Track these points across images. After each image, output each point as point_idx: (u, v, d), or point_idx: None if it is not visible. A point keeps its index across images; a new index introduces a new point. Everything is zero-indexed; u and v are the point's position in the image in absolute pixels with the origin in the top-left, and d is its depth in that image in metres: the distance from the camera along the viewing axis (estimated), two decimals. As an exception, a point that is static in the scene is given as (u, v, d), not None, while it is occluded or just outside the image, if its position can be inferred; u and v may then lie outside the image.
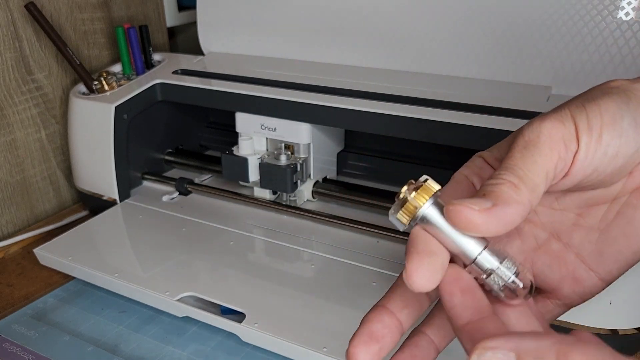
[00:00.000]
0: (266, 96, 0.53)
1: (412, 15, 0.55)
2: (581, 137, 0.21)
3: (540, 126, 0.21)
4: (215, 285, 0.45)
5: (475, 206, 0.19)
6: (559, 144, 0.21)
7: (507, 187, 0.20)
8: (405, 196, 0.21)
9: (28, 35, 0.59)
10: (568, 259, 0.24)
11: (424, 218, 0.21)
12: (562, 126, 0.21)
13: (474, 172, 0.25)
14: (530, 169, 0.20)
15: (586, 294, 0.24)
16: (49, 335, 0.44)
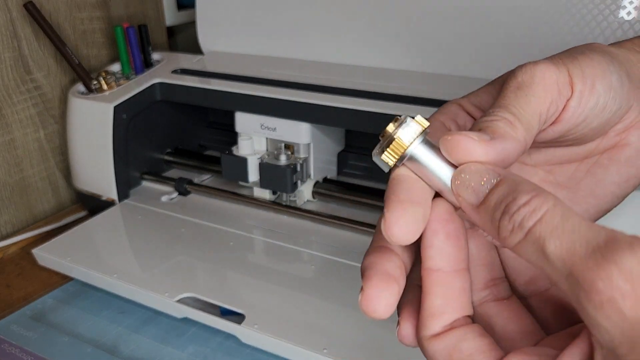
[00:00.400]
0: (266, 96, 0.53)
1: (412, 15, 0.55)
2: (575, 84, 0.20)
3: (534, 68, 0.20)
4: (214, 286, 0.45)
5: (474, 137, 0.19)
6: (553, 87, 0.20)
7: (503, 124, 0.19)
8: (392, 134, 0.20)
9: (27, 34, 0.59)
10: None
11: (412, 157, 0.19)
12: (557, 70, 0.20)
13: (450, 117, 0.24)
14: (524, 109, 0.20)
15: None
16: (47, 336, 0.44)
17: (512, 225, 0.17)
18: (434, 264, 0.19)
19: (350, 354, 0.37)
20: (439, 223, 0.19)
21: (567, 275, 0.15)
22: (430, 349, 0.18)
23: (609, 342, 0.15)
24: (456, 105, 0.24)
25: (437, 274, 0.19)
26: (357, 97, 0.49)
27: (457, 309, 0.19)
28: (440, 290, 0.19)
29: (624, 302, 0.14)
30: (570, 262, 0.15)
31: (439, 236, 0.19)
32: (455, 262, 0.19)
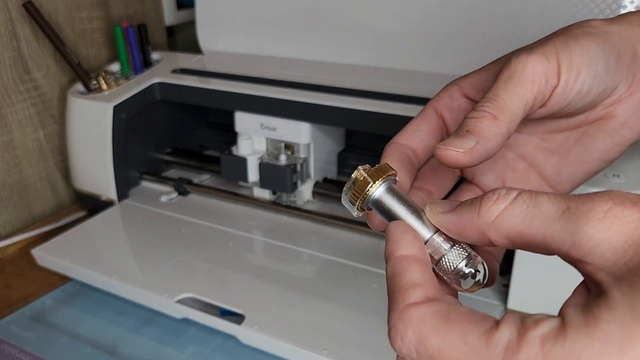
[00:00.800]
0: (266, 95, 0.52)
1: (413, 15, 0.55)
2: (562, 74, 0.23)
3: (526, 60, 0.23)
4: (214, 286, 0.45)
5: (461, 149, 0.21)
6: (541, 78, 0.23)
7: (488, 121, 0.22)
8: (357, 177, 0.21)
9: (26, 34, 0.59)
10: (531, 176, 0.27)
11: (376, 201, 0.21)
12: (547, 61, 0.23)
13: (446, 104, 0.26)
14: (511, 100, 0.22)
15: None
16: (47, 337, 0.44)
17: (497, 195, 0.19)
18: (407, 251, 0.21)
19: (350, 355, 0.37)
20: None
21: (562, 212, 0.17)
22: (418, 312, 0.18)
23: (611, 256, 0.16)
24: (456, 87, 0.27)
25: (412, 258, 0.21)
26: (357, 97, 0.49)
27: (436, 288, 0.20)
28: (417, 268, 0.20)
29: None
30: (564, 200, 0.17)
31: (409, 234, 0.21)
32: (426, 258, 0.21)
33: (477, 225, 0.19)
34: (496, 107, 0.22)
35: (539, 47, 0.23)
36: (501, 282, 0.44)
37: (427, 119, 0.26)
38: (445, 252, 0.21)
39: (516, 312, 0.40)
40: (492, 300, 0.42)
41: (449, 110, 0.26)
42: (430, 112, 0.26)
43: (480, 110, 0.22)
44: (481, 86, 0.26)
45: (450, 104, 0.26)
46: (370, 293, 0.43)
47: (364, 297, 0.43)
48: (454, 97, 0.26)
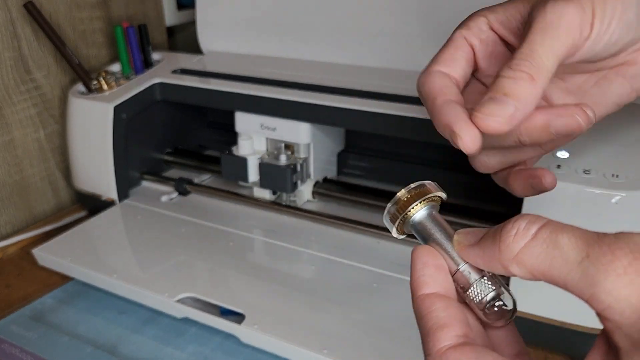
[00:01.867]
0: (266, 95, 0.53)
1: (413, 15, 0.55)
2: (594, 25, 0.23)
3: (563, 8, 0.22)
4: (214, 286, 0.45)
5: (500, 117, 0.22)
6: (576, 30, 0.22)
7: (525, 83, 0.22)
8: (400, 198, 0.22)
9: (27, 34, 0.59)
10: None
11: (415, 225, 0.22)
12: (583, 12, 0.22)
13: (475, 34, 0.26)
14: (547, 56, 0.22)
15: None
16: (47, 336, 0.44)
17: (515, 229, 0.18)
18: (428, 289, 0.21)
19: (350, 355, 0.37)
20: (428, 257, 0.21)
21: (582, 259, 0.16)
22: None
23: (630, 315, 0.15)
24: (483, 19, 0.26)
25: (434, 296, 0.20)
26: (357, 97, 0.49)
27: (462, 322, 0.20)
28: (441, 306, 0.20)
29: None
30: (584, 245, 0.17)
31: (429, 268, 0.21)
32: (447, 289, 0.21)
33: (500, 261, 0.19)
34: (533, 66, 0.22)
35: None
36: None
37: (461, 47, 0.27)
38: (474, 283, 0.21)
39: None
40: (491, 299, 0.42)
41: (479, 40, 0.26)
42: (461, 41, 0.27)
43: (517, 70, 0.22)
44: (509, 24, 0.26)
45: (479, 34, 0.26)
46: (370, 293, 0.43)
47: (364, 297, 0.43)
48: (482, 28, 0.26)
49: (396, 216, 0.22)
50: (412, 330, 0.39)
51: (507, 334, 0.22)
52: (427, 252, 0.21)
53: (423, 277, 0.21)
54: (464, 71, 0.26)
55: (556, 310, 0.39)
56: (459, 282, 0.21)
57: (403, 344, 0.38)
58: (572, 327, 0.38)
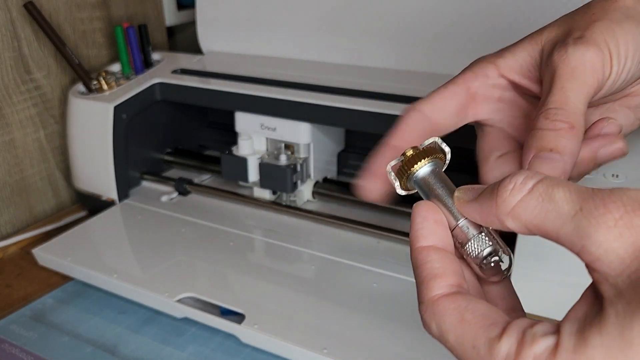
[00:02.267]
0: (266, 95, 0.53)
1: (413, 15, 0.55)
2: (613, 65, 0.23)
3: (584, 55, 0.23)
4: (214, 286, 0.45)
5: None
6: (599, 72, 0.23)
7: (567, 134, 0.22)
8: (406, 154, 0.22)
9: (27, 34, 0.59)
10: None
11: (418, 181, 0.22)
12: (602, 54, 0.23)
13: (482, 83, 0.26)
14: (580, 101, 0.23)
15: None
16: (47, 336, 0.44)
17: (513, 184, 0.18)
18: (426, 241, 0.21)
19: (350, 354, 0.37)
20: (428, 212, 0.22)
21: (575, 213, 0.17)
22: (440, 308, 0.19)
23: (617, 266, 0.16)
24: (492, 66, 0.26)
25: (430, 248, 0.21)
26: (357, 97, 0.49)
27: (456, 273, 0.20)
28: (436, 257, 0.21)
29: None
30: (579, 199, 0.17)
31: (429, 221, 0.22)
32: (445, 243, 0.21)
33: (496, 215, 0.19)
34: (570, 114, 0.22)
35: (588, 36, 0.23)
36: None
37: (457, 95, 0.26)
38: (471, 238, 0.21)
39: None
40: (491, 299, 0.42)
41: (484, 87, 0.26)
42: (461, 89, 0.26)
43: (557, 120, 0.22)
44: (522, 70, 0.25)
45: (485, 81, 0.26)
46: (369, 292, 0.43)
47: (364, 297, 0.43)
48: (490, 75, 0.26)
49: (401, 172, 0.22)
50: (412, 330, 0.40)
51: (502, 289, 0.23)
52: (427, 207, 0.22)
53: (422, 230, 0.21)
54: (449, 119, 0.26)
55: (554, 309, 0.39)
56: (458, 237, 0.22)
57: (403, 343, 0.38)
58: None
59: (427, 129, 0.26)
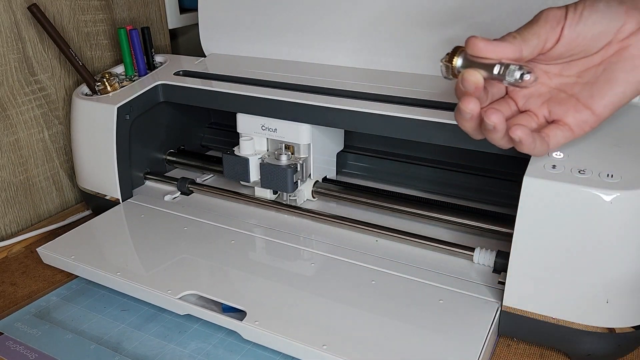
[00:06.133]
0: (267, 97, 0.53)
1: (412, 18, 0.55)
2: (568, 15, 0.34)
3: (542, 12, 0.35)
4: (216, 283, 0.45)
5: (479, 38, 0.34)
6: (552, 20, 0.34)
7: (508, 36, 0.35)
8: (446, 56, 0.36)
9: (31, 36, 0.59)
10: (570, 101, 0.37)
11: (459, 67, 0.36)
12: (558, 10, 0.34)
13: None
14: (528, 30, 0.35)
15: (583, 122, 0.36)
16: (51, 334, 0.44)
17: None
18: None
19: (350, 351, 0.37)
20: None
21: None
22: None
23: None
24: None
25: None
26: (357, 99, 0.50)
27: None
28: None
29: None
30: None
31: None
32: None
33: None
34: (517, 32, 0.35)
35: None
36: (497, 280, 0.44)
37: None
38: (506, 70, 0.34)
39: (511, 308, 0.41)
40: (488, 297, 0.43)
41: None
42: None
43: (507, 34, 0.35)
44: None
45: None
46: (368, 290, 0.44)
47: (363, 294, 0.44)
48: None
49: (448, 66, 0.36)
50: (409, 327, 0.40)
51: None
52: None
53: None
54: None
55: (552, 307, 0.39)
56: (496, 77, 0.34)
57: (401, 340, 0.39)
58: (568, 324, 0.39)
59: None
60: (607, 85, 0.35)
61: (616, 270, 0.37)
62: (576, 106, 0.36)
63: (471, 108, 0.35)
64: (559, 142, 0.37)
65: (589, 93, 0.35)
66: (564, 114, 0.36)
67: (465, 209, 0.52)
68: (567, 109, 0.36)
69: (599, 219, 0.36)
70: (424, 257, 0.48)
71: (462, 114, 0.35)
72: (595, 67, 0.35)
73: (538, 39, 0.34)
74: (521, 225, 0.38)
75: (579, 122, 0.36)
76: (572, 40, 0.34)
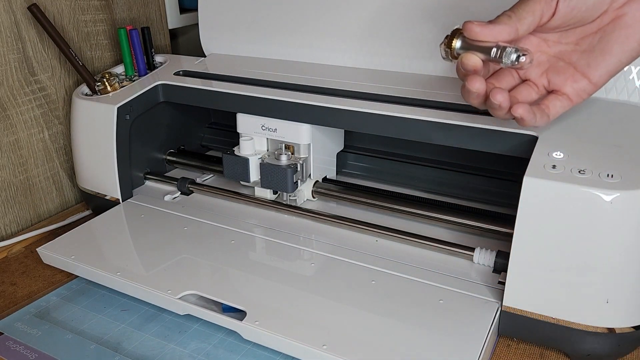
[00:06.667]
0: (267, 97, 0.53)
1: (411, 19, 0.55)
2: None
3: None
4: (216, 283, 0.45)
5: (475, 23, 0.35)
6: None
7: (502, 16, 0.36)
8: (444, 39, 0.37)
9: (31, 36, 0.60)
10: (569, 70, 0.38)
11: (458, 49, 0.37)
12: None
13: None
14: (522, 8, 0.35)
15: (581, 91, 0.38)
16: (51, 334, 0.44)
17: None
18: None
19: (350, 351, 0.37)
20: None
21: None
22: None
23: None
24: None
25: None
26: (357, 99, 0.50)
27: None
28: None
29: None
30: None
31: None
32: None
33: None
34: (512, 11, 0.35)
35: None
36: (497, 280, 0.44)
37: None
38: (502, 52, 0.35)
39: (511, 308, 0.41)
40: (488, 297, 0.43)
41: None
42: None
43: (504, 12, 0.36)
44: None
45: None
46: (368, 290, 0.44)
47: (363, 294, 0.44)
48: None
49: (447, 50, 0.37)
50: (409, 326, 0.40)
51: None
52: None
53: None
54: None
55: (552, 307, 0.39)
56: (493, 59, 0.35)
57: (401, 340, 0.39)
58: (568, 324, 0.39)
59: None
60: (603, 55, 0.36)
61: (616, 270, 0.37)
62: (574, 75, 0.37)
63: (477, 87, 0.36)
64: (558, 112, 0.38)
65: (586, 62, 0.37)
66: (563, 83, 0.38)
67: (465, 209, 0.52)
68: (566, 79, 0.38)
69: (599, 219, 0.36)
70: (424, 257, 0.48)
71: (469, 93, 0.37)
72: (592, 35, 0.36)
73: (533, 15, 0.35)
74: (521, 225, 0.38)
75: (577, 91, 0.38)
76: (567, 13, 0.35)
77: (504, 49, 0.35)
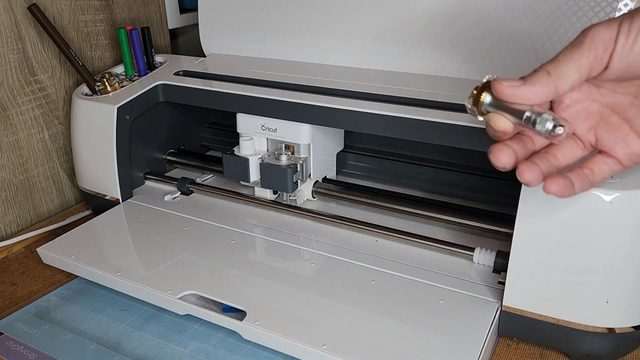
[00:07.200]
0: (267, 97, 0.53)
1: (410, 19, 0.55)
2: (619, 39, 0.28)
3: (588, 31, 0.29)
4: (216, 283, 0.45)
5: (506, 83, 0.29)
6: (599, 45, 0.28)
7: (540, 74, 0.29)
8: (472, 92, 0.32)
9: (31, 36, 0.60)
10: (622, 128, 0.32)
11: (486, 105, 0.31)
12: (606, 30, 0.28)
13: None
14: (565, 63, 0.29)
15: (635, 155, 0.32)
16: (51, 334, 0.44)
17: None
18: None
19: (350, 351, 0.37)
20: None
21: None
22: None
23: None
24: None
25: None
26: (357, 99, 0.50)
27: None
28: None
29: None
30: None
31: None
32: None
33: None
34: (552, 66, 0.29)
35: (606, 20, 0.28)
36: (497, 280, 0.44)
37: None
38: (538, 119, 0.29)
39: (511, 308, 0.41)
40: (488, 297, 0.43)
41: None
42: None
43: (541, 67, 0.30)
44: None
45: None
46: (368, 290, 0.44)
47: (363, 294, 0.44)
48: None
49: (474, 108, 0.32)
50: (409, 326, 0.40)
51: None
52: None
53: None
54: None
55: (552, 307, 0.39)
56: (527, 125, 0.30)
57: (401, 340, 0.39)
58: (568, 324, 0.39)
59: None
60: None
61: (616, 270, 0.37)
62: (628, 137, 0.31)
63: (503, 162, 0.31)
64: (605, 177, 0.32)
65: None
66: (613, 145, 0.32)
67: (465, 209, 0.52)
68: (617, 140, 0.31)
69: (599, 219, 0.36)
70: (424, 257, 0.48)
71: (494, 163, 0.31)
72: None
73: (579, 72, 0.29)
74: (521, 225, 0.38)
75: (629, 155, 0.32)
76: (623, 69, 0.29)
77: (540, 114, 0.29)
